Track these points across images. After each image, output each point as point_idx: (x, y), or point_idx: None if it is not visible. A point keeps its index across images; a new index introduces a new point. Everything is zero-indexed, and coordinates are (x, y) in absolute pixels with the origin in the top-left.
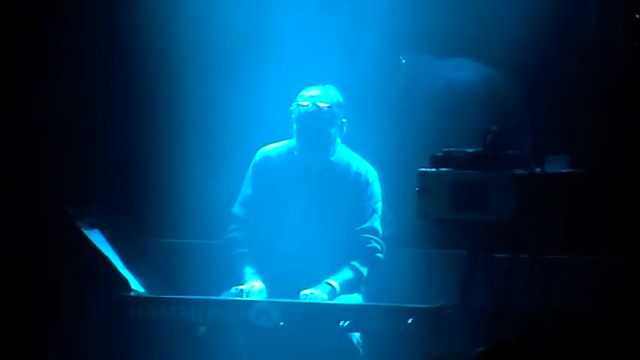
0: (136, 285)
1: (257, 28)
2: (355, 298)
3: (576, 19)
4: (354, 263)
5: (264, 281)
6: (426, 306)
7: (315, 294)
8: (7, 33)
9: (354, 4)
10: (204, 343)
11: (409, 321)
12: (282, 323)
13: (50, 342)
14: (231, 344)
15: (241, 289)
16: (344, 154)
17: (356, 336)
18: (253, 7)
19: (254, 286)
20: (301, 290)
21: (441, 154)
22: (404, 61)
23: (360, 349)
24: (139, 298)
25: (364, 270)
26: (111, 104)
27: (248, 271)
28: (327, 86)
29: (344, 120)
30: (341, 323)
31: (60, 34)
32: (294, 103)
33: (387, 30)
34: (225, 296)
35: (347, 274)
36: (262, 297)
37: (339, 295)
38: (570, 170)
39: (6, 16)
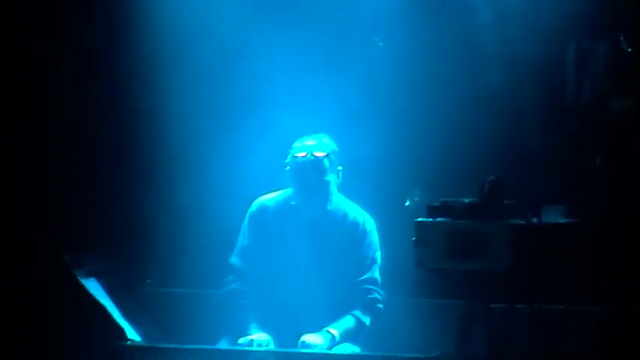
0: (132, 334)
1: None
2: (352, 348)
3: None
4: (356, 312)
5: (267, 332)
6: (423, 356)
7: (315, 341)
8: None
9: (349, 57)
10: None
11: None
12: None
13: None
14: None
15: (251, 339)
16: (341, 202)
17: None
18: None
19: (261, 337)
20: (301, 334)
21: (437, 204)
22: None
23: None
24: (135, 347)
25: (367, 320)
26: (107, 149)
27: (253, 324)
28: (320, 135)
29: (340, 167)
30: None
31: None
32: (289, 155)
33: (380, 77)
34: (223, 345)
35: (348, 322)
36: (270, 348)
37: (339, 343)
38: (567, 220)
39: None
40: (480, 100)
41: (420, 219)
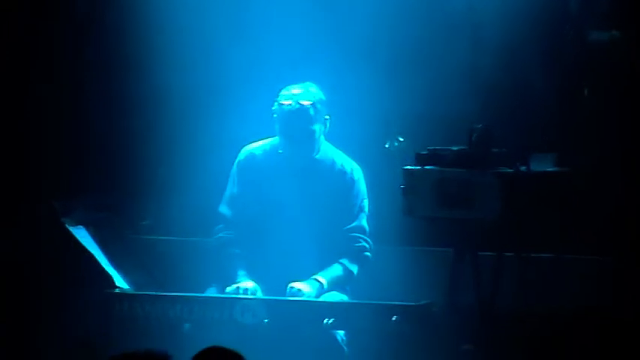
0: (120, 282)
1: (240, 25)
2: (340, 296)
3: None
4: (344, 261)
5: (255, 281)
6: (412, 304)
7: (303, 289)
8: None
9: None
10: (189, 340)
11: (394, 319)
12: (266, 320)
13: (35, 338)
14: (216, 341)
15: (238, 287)
16: (328, 151)
17: (340, 334)
18: (235, 5)
19: (247, 285)
20: (290, 283)
21: (426, 152)
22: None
23: (345, 347)
24: (123, 295)
25: (354, 268)
26: (102, 100)
27: (240, 272)
28: (307, 83)
29: (327, 117)
30: (325, 321)
31: (49, 30)
32: (276, 103)
33: (370, 26)
34: (210, 294)
35: (336, 271)
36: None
37: (327, 291)
38: (556, 169)
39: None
40: (468, 49)
41: (408, 167)
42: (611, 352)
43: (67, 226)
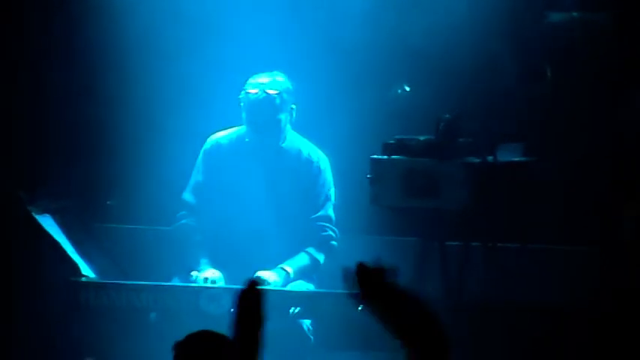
0: (86, 270)
1: (208, 13)
2: (307, 286)
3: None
4: (310, 250)
5: (219, 269)
6: None
7: (270, 278)
8: None
9: None
10: (155, 329)
11: (360, 308)
12: (232, 309)
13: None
14: (182, 330)
15: (203, 277)
16: (295, 140)
17: (307, 323)
18: None
19: (214, 274)
20: (256, 272)
21: (393, 141)
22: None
23: (311, 336)
24: (89, 284)
25: (321, 257)
26: (64, 88)
27: (203, 260)
28: (275, 72)
29: (293, 106)
30: (292, 310)
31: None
32: (243, 91)
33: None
34: (175, 282)
35: (302, 260)
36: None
37: (293, 280)
38: (522, 159)
39: None
40: (437, 36)
41: (375, 156)
42: (574, 340)
43: (33, 214)
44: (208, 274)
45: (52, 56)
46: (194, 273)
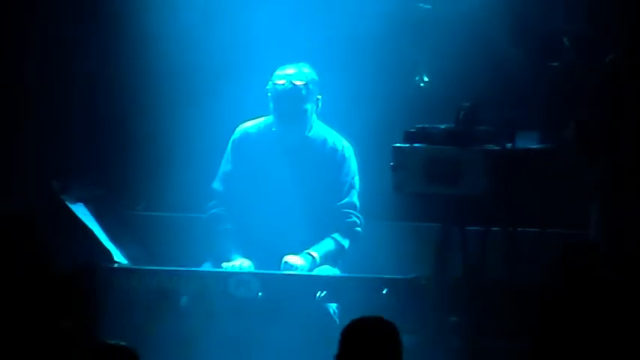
0: (119, 257)
1: (237, 4)
2: (332, 270)
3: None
4: (335, 235)
5: (248, 258)
6: (401, 277)
7: (297, 262)
8: None
9: None
10: (186, 312)
11: (384, 291)
12: (260, 294)
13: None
14: (212, 314)
15: (233, 266)
16: (320, 129)
17: (332, 306)
18: None
19: (243, 263)
20: (284, 256)
21: (414, 130)
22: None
23: (337, 319)
24: (122, 270)
25: (345, 243)
26: (98, 80)
27: (234, 249)
28: (301, 64)
29: (319, 96)
30: (318, 294)
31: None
32: (270, 82)
33: (365, 4)
34: (205, 268)
35: (328, 245)
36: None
37: (320, 265)
38: (540, 146)
39: None
40: (456, 27)
41: (397, 144)
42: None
43: (66, 203)
44: (238, 264)
45: (92, 50)
46: (225, 264)
